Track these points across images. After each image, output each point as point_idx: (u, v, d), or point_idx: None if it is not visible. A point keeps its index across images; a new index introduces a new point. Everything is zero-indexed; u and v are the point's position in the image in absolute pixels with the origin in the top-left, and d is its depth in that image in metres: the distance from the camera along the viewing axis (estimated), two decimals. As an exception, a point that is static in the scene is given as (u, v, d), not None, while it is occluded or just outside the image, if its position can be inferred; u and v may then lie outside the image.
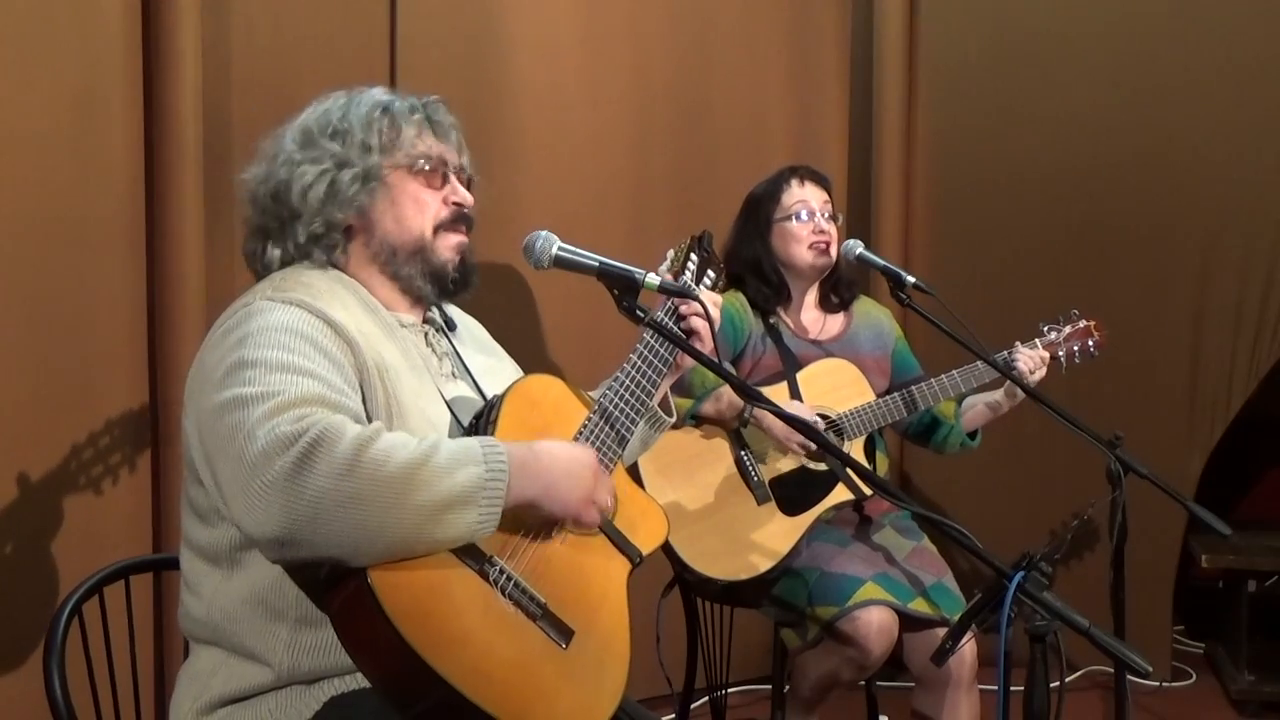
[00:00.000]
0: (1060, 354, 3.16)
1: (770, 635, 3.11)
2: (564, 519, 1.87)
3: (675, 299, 2.08)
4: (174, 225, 3.11)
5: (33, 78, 2.93)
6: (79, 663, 2.05)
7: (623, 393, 2.02)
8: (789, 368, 3.06)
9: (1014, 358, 3.06)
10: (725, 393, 2.95)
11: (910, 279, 3.02)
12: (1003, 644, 1.80)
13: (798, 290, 3.16)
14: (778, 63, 4.23)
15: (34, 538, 2.93)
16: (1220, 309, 4.21)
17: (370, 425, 1.74)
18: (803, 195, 3.11)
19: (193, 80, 3.10)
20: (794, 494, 2.98)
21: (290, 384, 1.74)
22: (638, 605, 1.97)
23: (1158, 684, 4.15)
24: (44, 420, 2.94)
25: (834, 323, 3.20)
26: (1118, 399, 4.15)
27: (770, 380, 3.04)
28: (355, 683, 1.80)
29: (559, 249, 1.99)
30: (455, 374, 2.05)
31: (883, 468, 3.18)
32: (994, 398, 3.13)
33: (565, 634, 1.83)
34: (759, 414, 2.95)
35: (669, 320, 2.09)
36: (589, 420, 1.99)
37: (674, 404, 2.29)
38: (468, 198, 2.04)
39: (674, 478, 2.94)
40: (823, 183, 3.17)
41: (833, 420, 3.01)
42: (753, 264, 3.12)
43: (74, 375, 3.01)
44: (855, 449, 3.05)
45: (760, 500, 2.97)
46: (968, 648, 2.82)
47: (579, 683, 1.83)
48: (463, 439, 1.79)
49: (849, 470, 2.97)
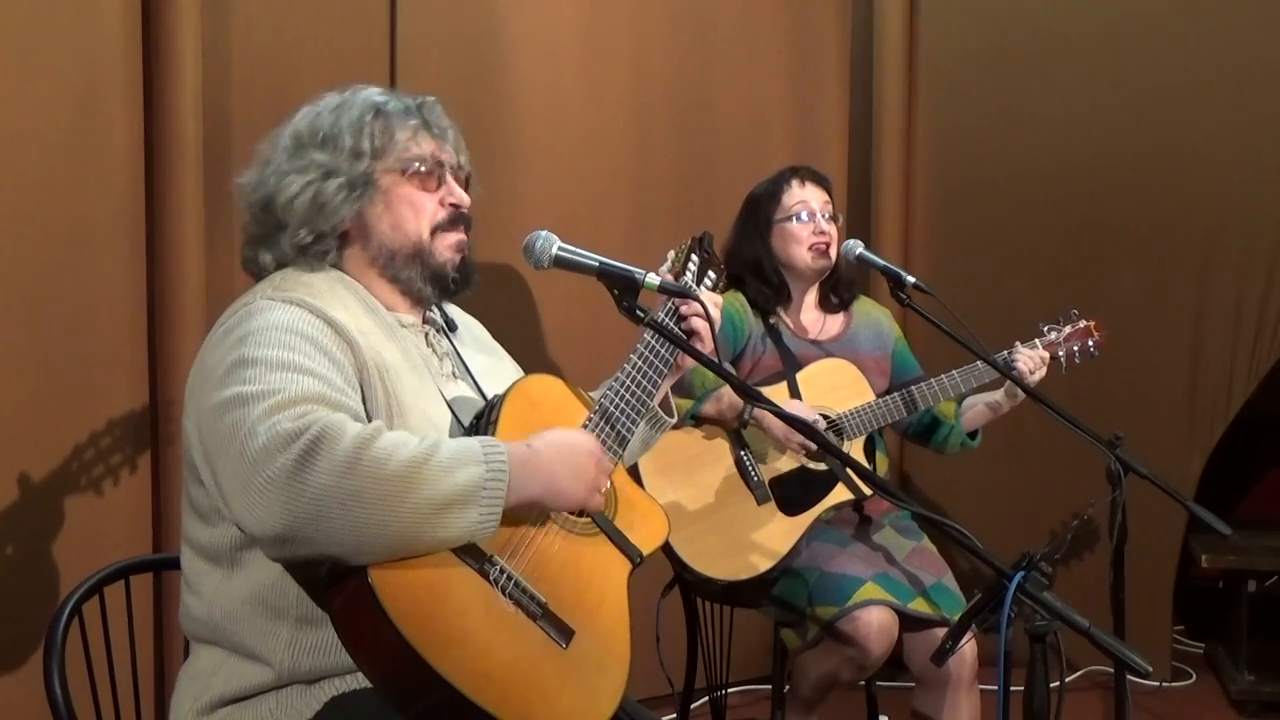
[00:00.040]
0: (1060, 354, 3.16)
1: (770, 635, 3.11)
2: (570, 509, 1.88)
3: (676, 299, 2.08)
4: (174, 225, 3.11)
5: (33, 78, 2.93)
6: (79, 663, 2.05)
7: (623, 393, 2.02)
8: (789, 368, 3.06)
9: (1014, 358, 3.06)
10: (725, 393, 2.95)
11: (910, 279, 3.02)
12: (1003, 644, 1.80)
13: (797, 290, 3.16)
14: (778, 63, 4.23)
15: (34, 538, 2.93)
16: (1220, 309, 4.21)
17: (371, 424, 1.74)
18: (803, 196, 3.11)
19: (193, 80, 3.10)
20: (794, 494, 2.98)
21: (291, 382, 1.74)
22: (638, 605, 1.97)
23: (1158, 684, 4.15)
24: (44, 420, 2.94)
25: (834, 323, 3.20)
26: (1118, 399, 4.15)
27: (770, 380, 3.04)
28: (356, 682, 1.80)
29: (559, 249, 1.99)
30: (456, 374, 2.05)
31: (882, 468, 3.18)
32: (994, 398, 3.13)
33: (565, 634, 1.83)
34: (759, 415, 2.95)
35: (670, 321, 2.09)
36: (589, 420, 1.99)
37: (674, 404, 2.29)
38: (464, 198, 2.03)
39: (674, 478, 2.94)
40: (823, 183, 3.17)
41: (832, 420, 3.01)
42: (753, 264, 3.12)
43: (74, 375, 3.01)
44: (855, 449, 3.05)
45: (760, 500, 2.97)
46: (968, 648, 2.82)
47: (579, 682, 1.83)
48: (463, 439, 1.79)
49: (849, 470, 2.97)
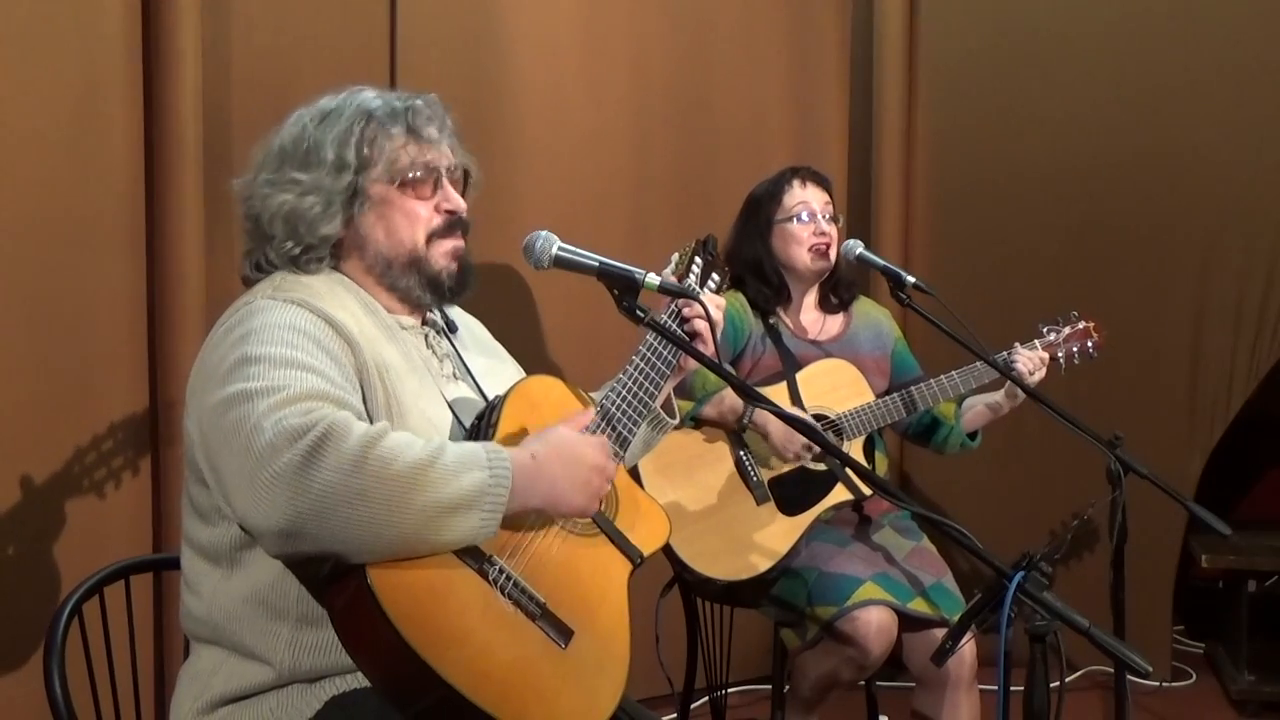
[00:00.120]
0: (1059, 355, 3.16)
1: (770, 635, 3.11)
2: (573, 517, 1.89)
3: (678, 301, 2.08)
4: (174, 225, 3.11)
5: (33, 78, 2.93)
6: (79, 663, 2.05)
7: (625, 394, 2.01)
8: (788, 368, 3.06)
9: (1013, 359, 3.06)
10: (727, 396, 2.95)
11: (910, 279, 3.02)
12: (1003, 644, 1.80)
13: (797, 291, 3.16)
14: (778, 63, 4.23)
15: (35, 538, 2.93)
16: (1220, 309, 4.21)
17: (378, 424, 1.74)
18: (804, 196, 3.11)
19: (193, 80, 3.10)
20: (793, 494, 2.98)
21: (295, 379, 1.74)
22: (638, 605, 1.97)
23: (1158, 684, 4.15)
24: (44, 421, 2.94)
25: (833, 323, 3.20)
26: (1118, 399, 4.15)
27: (770, 381, 3.04)
28: (356, 681, 1.80)
29: (559, 249, 1.99)
30: (456, 375, 2.05)
31: (882, 468, 3.18)
32: (994, 398, 3.13)
33: (565, 634, 1.83)
34: (758, 420, 2.95)
35: (672, 322, 2.09)
36: (590, 422, 1.98)
37: (676, 406, 2.29)
38: (460, 204, 2.01)
39: (674, 478, 2.94)
40: (824, 184, 3.17)
41: (832, 421, 3.01)
42: (753, 264, 3.12)
43: (74, 376, 3.01)
44: (854, 449, 3.05)
45: (760, 500, 2.97)
46: (967, 648, 2.82)
47: (578, 682, 1.83)
48: (468, 444, 1.79)
49: (849, 470, 2.97)
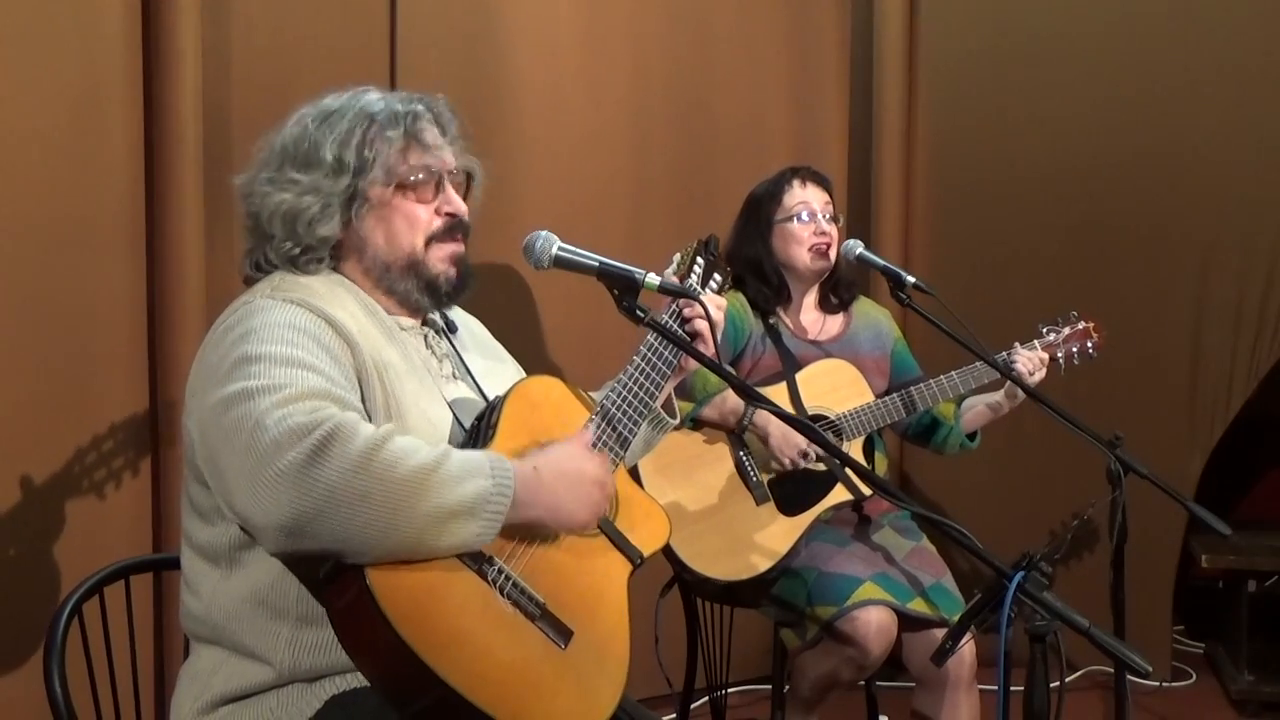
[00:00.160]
0: (1059, 355, 3.16)
1: (770, 635, 3.11)
2: (572, 533, 1.88)
3: (679, 300, 2.08)
4: (174, 225, 3.11)
5: (33, 78, 2.93)
6: (79, 663, 2.05)
7: (625, 394, 2.01)
8: (788, 368, 3.05)
9: (1013, 359, 3.06)
10: (728, 397, 2.95)
11: (910, 279, 3.02)
12: (1003, 644, 1.80)
13: (797, 291, 3.16)
14: (778, 63, 4.23)
15: (35, 538, 2.93)
16: (1220, 309, 4.21)
17: (383, 426, 1.74)
18: (804, 196, 3.11)
19: (193, 80, 3.10)
20: (793, 494, 2.98)
21: (297, 378, 1.74)
22: (637, 605, 1.97)
23: (1158, 684, 4.15)
24: (44, 421, 2.94)
25: (833, 323, 3.20)
26: (1118, 399, 4.15)
27: (769, 381, 3.04)
28: (356, 681, 1.80)
29: (559, 249, 1.99)
30: (456, 375, 2.05)
31: (881, 468, 3.18)
32: (994, 398, 3.13)
33: (564, 634, 1.83)
34: (758, 422, 2.95)
35: (672, 322, 2.08)
36: (590, 422, 1.98)
37: (677, 406, 2.29)
38: (461, 207, 2.01)
39: (673, 478, 2.94)
40: (824, 184, 3.17)
41: (831, 421, 3.01)
42: (753, 264, 3.12)
43: (74, 376, 3.01)
44: (854, 449, 3.05)
45: (759, 500, 2.97)
46: (967, 648, 2.82)
47: (577, 683, 1.83)
48: (472, 452, 1.79)
49: (848, 470, 2.97)
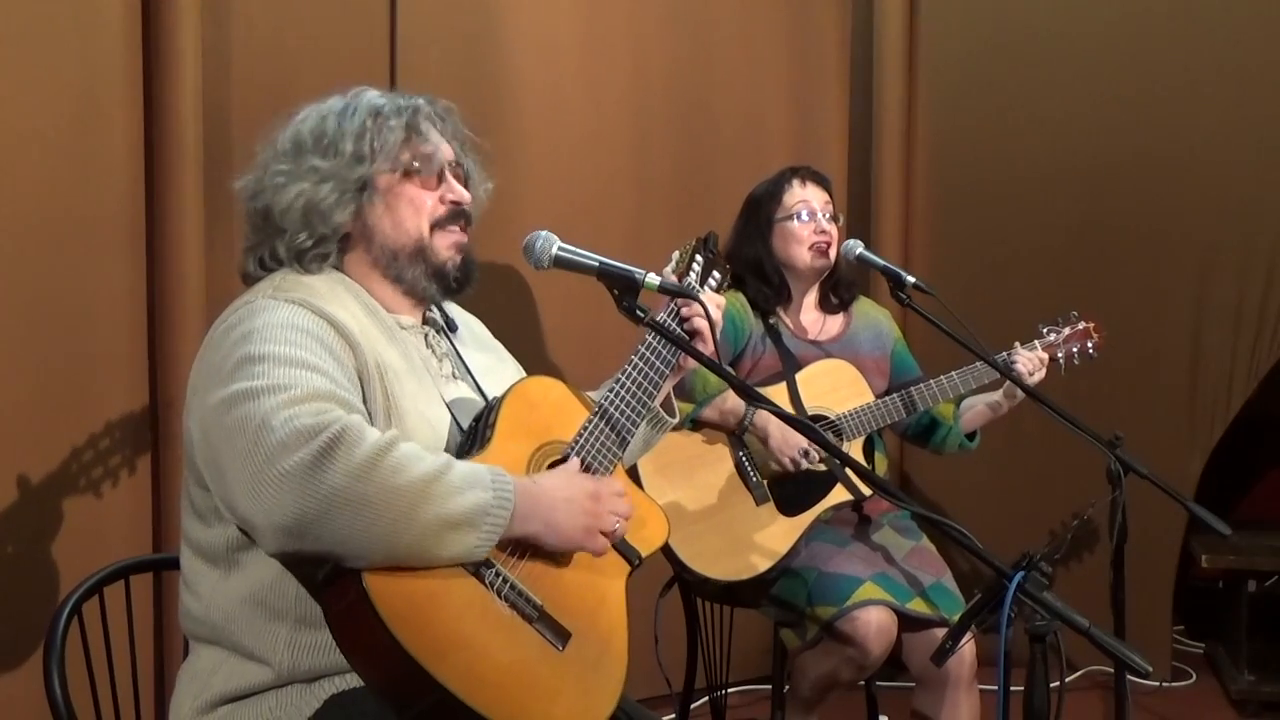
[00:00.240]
0: (1059, 356, 3.16)
1: (770, 635, 3.10)
2: (568, 550, 1.87)
3: (677, 299, 2.08)
4: (174, 225, 3.11)
5: (33, 78, 2.93)
6: (79, 663, 2.05)
7: (624, 394, 2.01)
8: (788, 368, 3.05)
9: (1013, 359, 3.06)
10: (727, 398, 2.95)
11: (910, 279, 3.02)
12: (1003, 644, 1.79)
13: (798, 291, 3.16)
14: (778, 63, 4.23)
15: (34, 538, 2.93)
16: (1220, 309, 4.21)
17: (389, 432, 1.74)
18: (804, 195, 3.11)
19: (193, 80, 3.10)
20: (793, 494, 2.98)
21: (300, 379, 1.74)
22: (637, 605, 1.97)
23: (1158, 684, 4.15)
24: (44, 421, 2.94)
25: (833, 323, 3.20)
26: (1118, 399, 4.15)
27: (769, 381, 3.04)
28: (355, 681, 1.79)
29: (559, 249, 1.99)
30: (456, 375, 2.05)
31: (881, 468, 3.18)
32: (993, 398, 3.13)
33: (562, 636, 1.83)
34: (757, 423, 2.95)
35: (671, 321, 2.08)
36: (589, 422, 1.98)
37: (676, 405, 2.29)
38: (464, 195, 2.03)
39: (673, 478, 2.94)
40: (824, 183, 3.17)
41: (831, 421, 3.01)
42: (753, 264, 3.12)
43: (74, 375, 3.01)
44: (854, 450, 3.05)
45: (759, 500, 2.97)
46: (967, 647, 2.82)
47: (576, 684, 1.83)
48: (474, 464, 1.79)
49: (848, 470, 2.97)
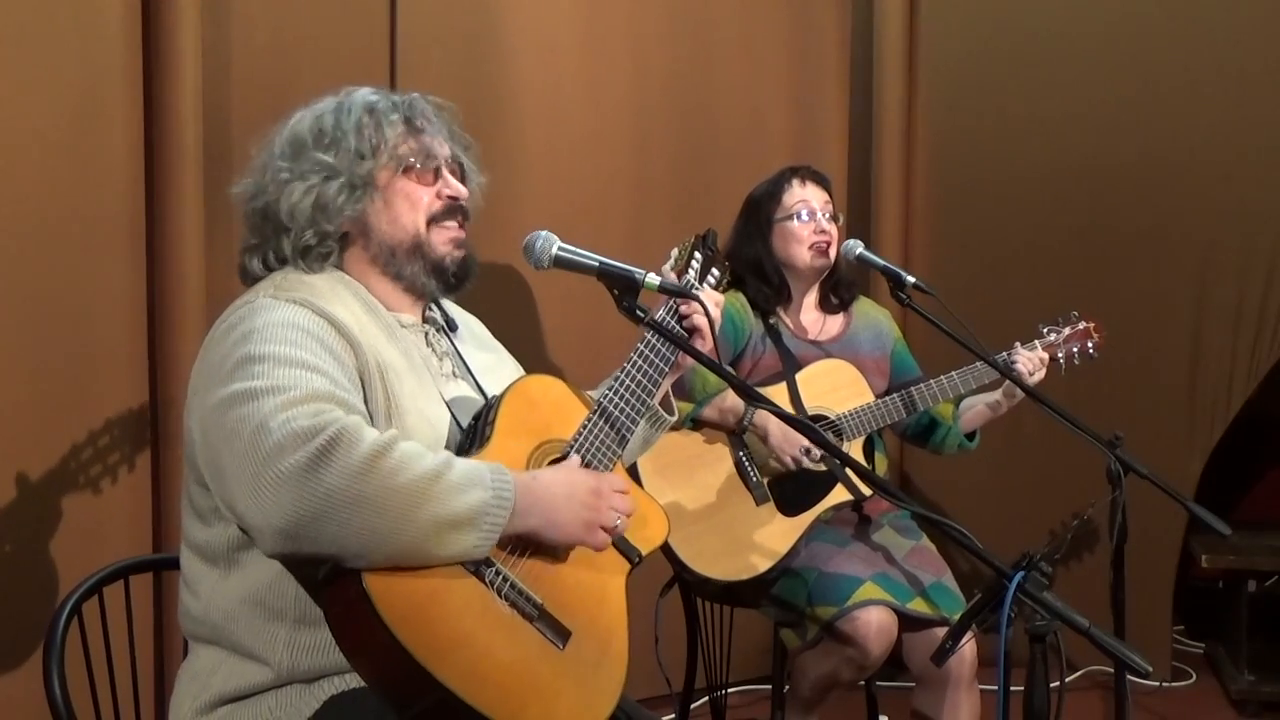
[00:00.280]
0: (1060, 355, 3.16)
1: (770, 635, 3.10)
2: (568, 545, 1.87)
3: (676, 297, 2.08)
4: (174, 225, 3.11)
5: (33, 78, 2.93)
6: (79, 663, 2.05)
7: (623, 392, 2.01)
8: (788, 368, 3.05)
9: (1013, 359, 3.06)
10: (727, 398, 2.95)
11: (910, 279, 3.02)
12: (1003, 644, 1.79)
13: (798, 290, 3.16)
14: (778, 63, 4.23)
15: (33, 538, 2.93)
16: (1220, 309, 4.21)
17: (387, 432, 1.74)
18: (804, 195, 3.11)
19: (193, 80, 3.10)
20: (793, 494, 2.98)
21: (300, 380, 1.74)
22: (637, 605, 1.97)
23: (1158, 684, 4.15)
24: (43, 420, 2.94)
25: (833, 323, 3.20)
26: (1118, 399, 4.15)
27: (769, 381, 3.04)
28: (355, 681, 1.80)
29: (559, 249, 1.99)
30: (456, 373, 2.05)
31: (881, 468, 3.18)
32: (993, 398, 3.13)
33: (562, 635, 1.83)
34: (757, 423, 2.95)
35: (670, 319, 2.09)
36: (589, 420, 1.98)
37: (674, 404, 2.29)
38: (461, 190, 2.03)
39: (673, 478, 2.94)
40: (823, 183, 3.17)
41: (831, 421, 3.01)
42: (753, 264, 3.12)
43: (74, 375, 3.01)
44: (854, 450, 3.04)
45: (759, 501, 2.97)
46: (968, 647, 2.82)
47: (576, 683, 1.83)
48: (473, 462, 1.79)
49: (848, 470, 2.97)
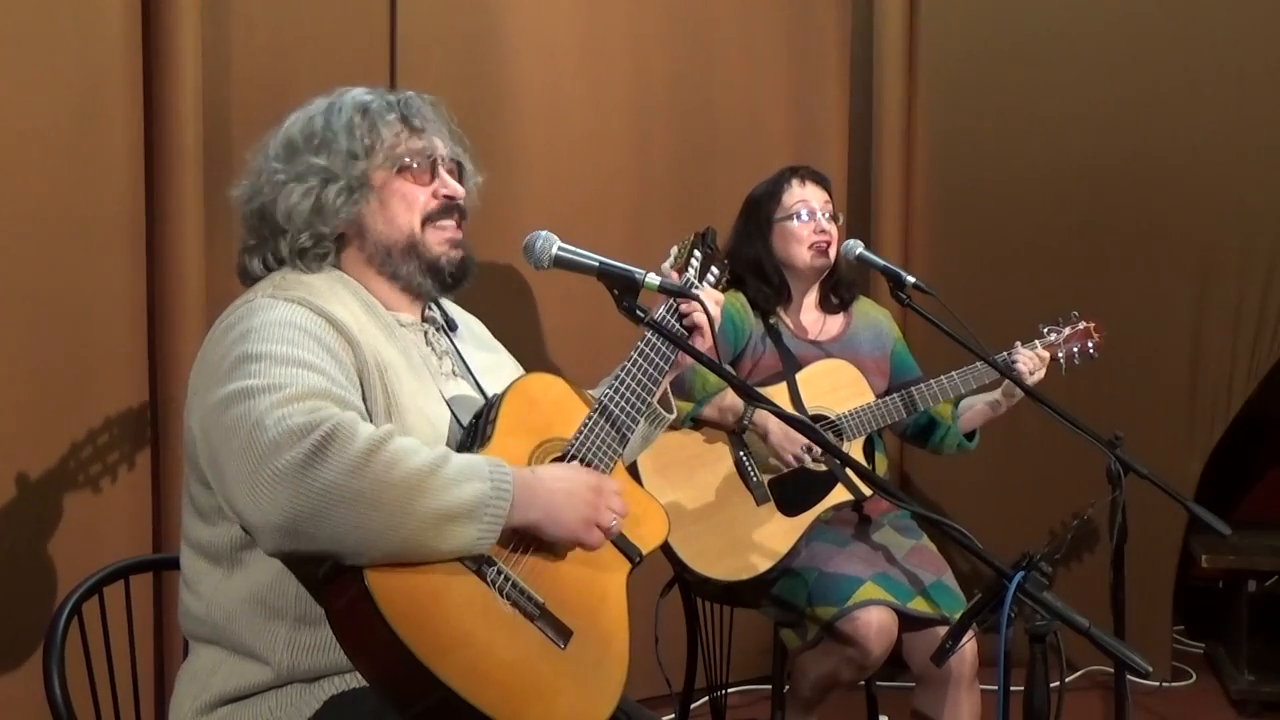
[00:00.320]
0: (1060, 355, 3.16)
1: (770, 635, 3.10)
2: (566, 541, 1.87)
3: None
4: (174, 225, 3.11)
5: (33, 78, 2.93)
6: (79, 663, 2.05)
7: (623, 391, 2.01)
8: (788, 368, 3.05)
9: (1014, 358, 3.06)
10: (727, 396, 2.95)
11: (910, 279, 3.02)
12: (1003, 644, 1.79)
13: (798, 290, 3.16)
14: (778, 63, 4.23)
15: (33, 537, 2.93)
16: (1220, 309, 4.21)
17: (383, 427, 1.74)
18: (804, 195, 3.11)
19: (193, 80, 3.10)
20: (793, 494, 2.98)
21: (297, 377, 1.74)
22: (637, 605, 1.97)
23: (1158, 684, 4.15)
24: (43, 420, 2.94)
25: (834, 323, 3.20)
26: (1118, 399, 4.15)
27: (770, 381, 3.04)
28: (355, 681, 1.80)
29: (559, 249, 1.99)
30: (455, 372, 2.05)
31: (881, 468, 3.18)
32: (992, 397, 3.13)
33: (563, 634, 1.83)
34: (757, 422, 2.95)
35: (670, 318, 2.09)
36: (589, 419, 1.98)
37: (675, 405, 2.29)
38: (458, 189, 2.03)
39: (673, 478, 2.94)
40: (823, 183, 3.17)
41: (832, 421, 3.01)
42: (753, 264, 3.12)
43: (74, 375, 3.01)
44: (854, 450, 3.05)
45: (759, 500, 2.97)
46: (969, 646, 2.82)
47: (577, 683, 1.83)
48: (471, 455, 1.79)
49: (849, 470, 2.97)
